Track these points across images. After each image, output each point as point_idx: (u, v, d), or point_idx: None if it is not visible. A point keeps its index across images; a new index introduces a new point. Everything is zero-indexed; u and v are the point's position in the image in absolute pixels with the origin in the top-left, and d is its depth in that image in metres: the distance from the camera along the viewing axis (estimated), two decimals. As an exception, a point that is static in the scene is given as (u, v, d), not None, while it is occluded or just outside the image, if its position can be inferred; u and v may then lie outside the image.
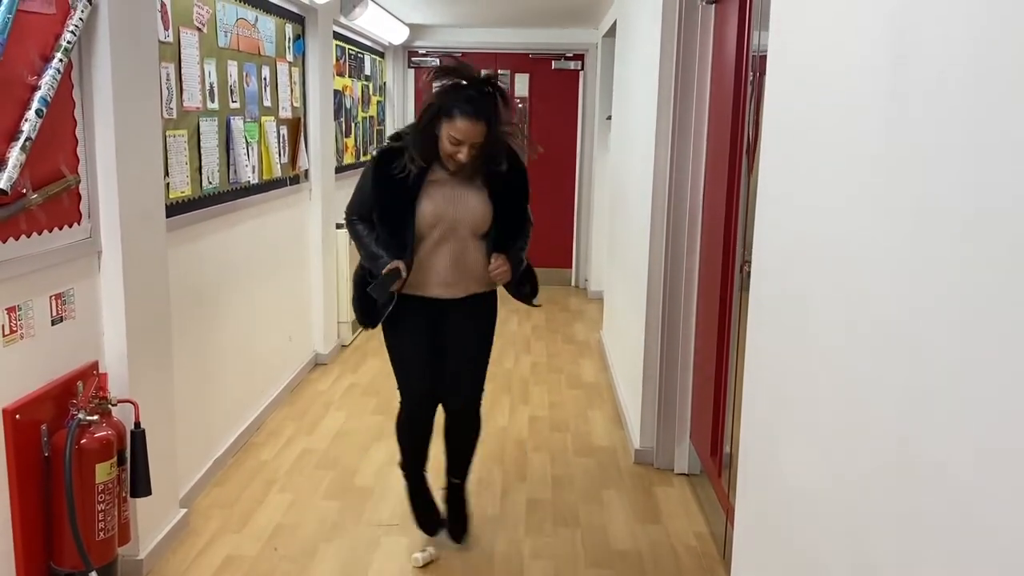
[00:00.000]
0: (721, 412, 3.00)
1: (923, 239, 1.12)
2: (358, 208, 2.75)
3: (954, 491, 1.02)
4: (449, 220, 2.61)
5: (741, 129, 2.80)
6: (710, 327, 3.15)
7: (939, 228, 1.08)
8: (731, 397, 2.85)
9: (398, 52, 7.30)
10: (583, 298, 7.15)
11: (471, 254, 2.67)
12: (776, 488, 1.75)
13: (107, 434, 2.33)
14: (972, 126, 1.00)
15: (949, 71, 1.07)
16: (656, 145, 3.41)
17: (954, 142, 1.05)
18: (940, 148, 1.08)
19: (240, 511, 3.18)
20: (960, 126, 1.03)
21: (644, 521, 3.17)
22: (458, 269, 2.67)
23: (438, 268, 2.66)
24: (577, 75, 7.33)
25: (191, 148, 3.23)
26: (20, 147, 2.08)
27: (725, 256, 2.94)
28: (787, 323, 1.71)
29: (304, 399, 4.45)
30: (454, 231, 2.63)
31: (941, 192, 1.08)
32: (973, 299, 0.99)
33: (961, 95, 1.04)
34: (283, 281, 4.43)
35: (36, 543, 2.26)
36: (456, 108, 2.47)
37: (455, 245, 2.65)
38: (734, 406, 2.77)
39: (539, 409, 4.40)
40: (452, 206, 2.60)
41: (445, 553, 2.91)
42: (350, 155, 5.97)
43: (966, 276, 1.01)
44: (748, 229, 2.58)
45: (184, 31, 3.14)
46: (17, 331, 2.18)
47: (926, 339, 1.10)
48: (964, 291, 1.01)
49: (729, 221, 2.91)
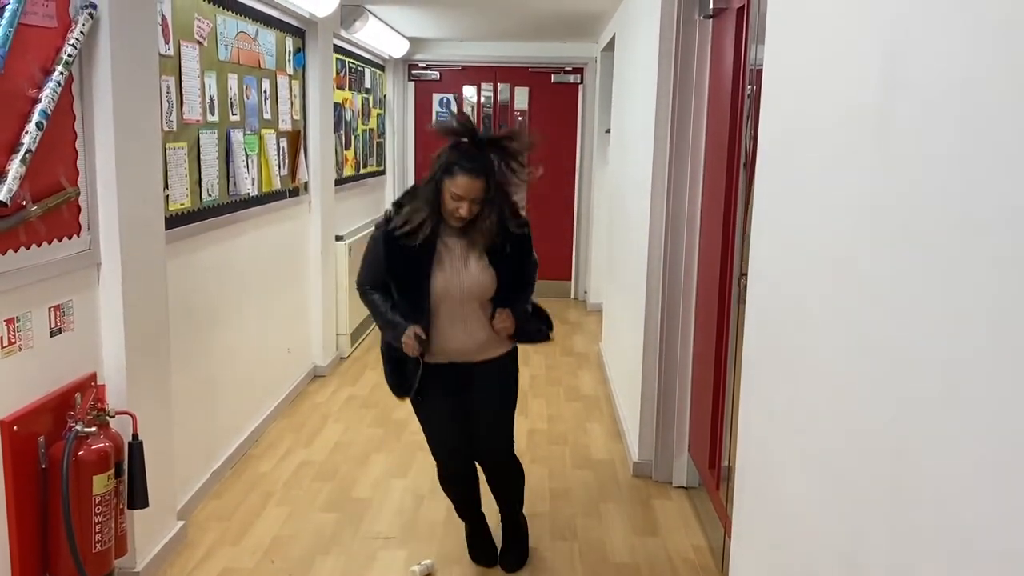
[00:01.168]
0: (719, 425, 3.00)
1: (918, 254, 1.13)
2: (369, 278, 2.77)
3: (950, 506, 1.02)
4: (456, 289, 2.65)
5: (739, 142, 2.81)
6: (708, 340, 3.16)
7: (934, 243, 1.08)
8: (729, 410, 2.85)
9: (398, 65, 7.33)
10: (582, 310, 7.15)
11: (480, 321, 2.71)
12: (773, 502, 1.76)
13: (105, 446, 2.33)
14: (962, 136, 1.01)
15: (940, 84, 1.08)
16: (654, 158, 3.43)
17: (946, 153, 1.06)
18: (932, 160, 1.09)
19: (237, 523, 3.17)
20: (951, 137, 1.04)
21: (642, 534, 3.17)
22: (472, 334, 2.71)
23: (455, 334, 2.69)
24: (576, 88, 7.36)
25: (191, 160, 3.24)
26: (20, 159, 2.09)
27: (723, 269, 2.95)
28: (783, 337, 1.72)
29: (302, 411, 4.44)
30: (461, 301, 2.67)
31: (935, 205, 1.08)
32: (968, 313, 1.00)
33: (952, 106, 1.05)
34: (282, 293, 4.43)
35: (33, 555, 2.25)
36: (456, 165, 2.54)
37: (466, 314, 2.69)
38: (732, 419, 2.77)
39: (538, 422, 4.40)
40: (457, 276, 2.65)
41: (442, 567, 2.91)
42: (350, 168, 5.98)
43: (961, 290, 1.01)
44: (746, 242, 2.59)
45: (185, 44, 3.16)
46: (16, 342, 2.18)
47: (921, 353, 1.11)
48: (959, 305, 1.02)
49: (727, 233, 2.92)
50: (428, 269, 2.63)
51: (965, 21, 1.03)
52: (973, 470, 0.97)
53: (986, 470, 0.95)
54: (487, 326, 2.71)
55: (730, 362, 2.84)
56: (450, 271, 2.64)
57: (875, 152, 1.27)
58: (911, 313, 1.14)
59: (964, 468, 0.99)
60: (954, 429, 1.02)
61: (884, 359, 1.22)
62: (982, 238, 0.97)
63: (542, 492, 3.53)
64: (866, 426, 1.27)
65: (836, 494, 1.39)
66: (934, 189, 1.09)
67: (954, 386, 1.02)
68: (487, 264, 2.67)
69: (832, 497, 1.41)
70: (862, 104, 1.32)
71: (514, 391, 2.88)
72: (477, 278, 2.66)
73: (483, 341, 2.72)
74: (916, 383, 1.12)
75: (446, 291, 2.64)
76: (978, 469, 0.96)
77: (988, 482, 0.94)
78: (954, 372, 1.02)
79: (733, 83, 2.86)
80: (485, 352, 2.75)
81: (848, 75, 1.40)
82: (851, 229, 1.36)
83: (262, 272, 4.10)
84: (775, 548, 1.73)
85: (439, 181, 2.57)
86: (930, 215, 1.09)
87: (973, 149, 0.99)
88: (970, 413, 0.98)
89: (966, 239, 1.00)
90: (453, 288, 2.64)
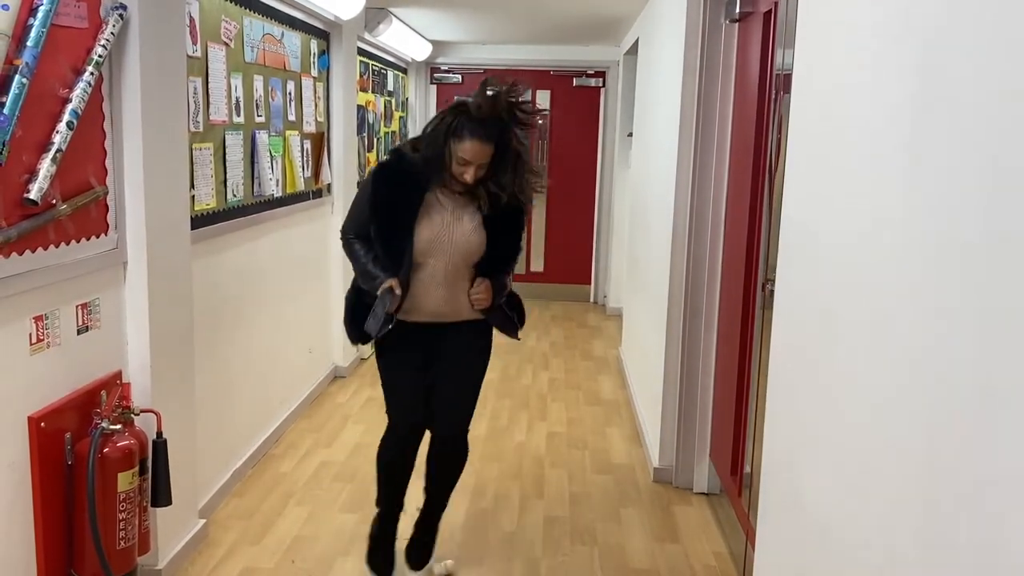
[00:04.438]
0: (742, 431, 2.98)
1: (947, 261, 1.11)
2: (355, 226, 2.71)
3: (981, 517, 1.01)
4: (444, 245, 2.58)
5: (764, 147, 2.80)
6: (731, 345, 3.14)
7: (967, 249, 1.07)
8: (752, 416, 2.83)
9: (421, 68, 7.35)
10: (601, 315, 7.13)
11: (462, 282, 2.65)
12: (798, 510, 1.74)
13: (129, 443, 2.35)
14: (999, 143, 1.00)
15: (976, 89, 1.07)
16: (678, 162, 3.41)
17: (980, 159, 1.04)
18: (964, 170, 1.08)
19: (258, 523, 3.19)
20: (986, 143, 1.03)
21: (662, 540, 3.15)
22: (450, 294, 2.64)
23: (432, 293, 2.63)
24: (598, 92, 7.35)
25: (216, 161, 3.26)
26: (51, 159, 2.11)
27: (747, 274, 2.93)
28: (811, 344, 1.70)
29: (323, 412, 4.46)
30: (448, 257, 2.60)
31: (968, 212, 1.07)
32: (1000, 318, 0.98)
33: (988, 112, 1.03)
34: (304, 294, 4.45)
35: (57, 551, 2.27)
36: (465, 128, 2.47)
37: (449, 271, 2.62)
38: (755, 426, 2.75)
39: (557, 425, 4.39)
40: (448, 231, 2.58)
41: (463, 569, 2.91)
42: (372, 169, 6.00)
43: (994, 296, 1.00)
44: (771, 248, 2.57)
45: (212, 46, 3.18)
46: (44, 339, 2.20)
47: (952, 362, 1.09)
48: (991, 310, 1.00)
49: (751, 239, 2.90)
50: (414, 220, 2.56)
51: (1002, 25, 1.02)
52: (1008, 478, 0.96)
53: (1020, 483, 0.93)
54: (466, 292, 2.65)
55: (754, 368, 2.82)
56: (440, 226, 2.58)
57: (908, 157, 1.26)
58: (942, 318, 1.12)
59: (999, 475, 0.98)
60: (987, 436, 1.00)
61: (915, 365, 1.20)
62: (1016, 244, 0.95)
63: (561, 496, 3.52)
64: (894, 436, 1.26)
65: (865, 504, 1.37)
66: (967, 195, 1.07)
67: (987, 392, 1.01)
68: (479, 225, 2.61)
69: (861, 506, 1.39)
70: (896, 108, 1.31)
71: (484, 362, 2.78)
72: (468, 236, 2.59)
73: (461, 306, 2.66)
74: (948, 389, 1.10)
75: (431, 245, 2.57)
76: (1014, 477, 0.95)
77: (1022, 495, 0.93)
78: (986, 377, 1.01)
79: (759, 88, 2.84)
80: (459, 314, 2.67)
81: (881, 80, 1.39)
82: (881, 235, 1.34)
83: (285, 273, 4.12)
84: (800, 557, 1.71)
85: (445, 142, 2.49)
86: (962, 221, 1.08)
87: (1008, 155, 0.98)
88: (1004, 419, 0.97)
89: (999, 245, 0.99)
90: (441, 244, 2.57)
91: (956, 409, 1.08)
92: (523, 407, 4.64)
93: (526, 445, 4.07)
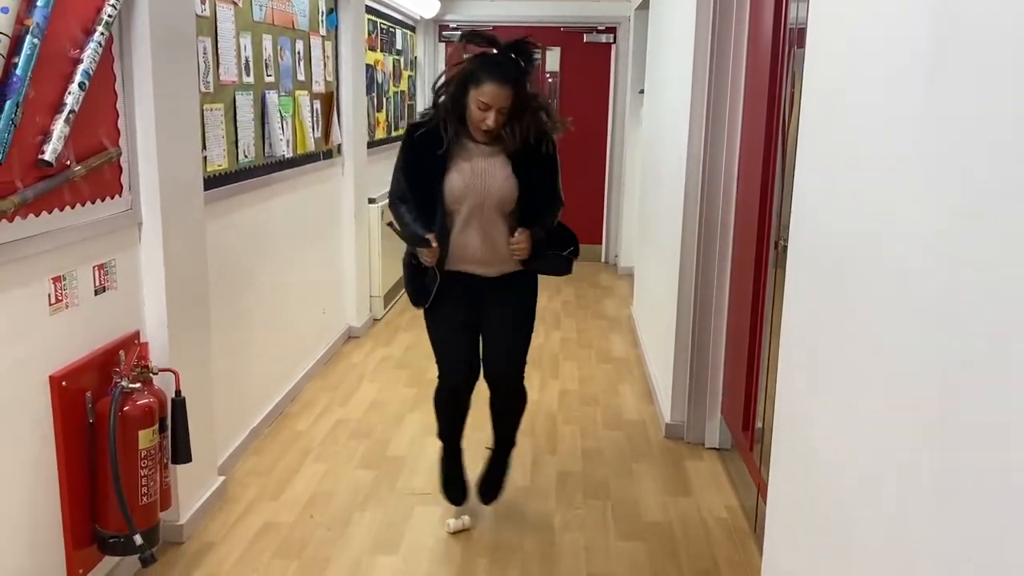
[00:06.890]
0: (754, 387, 2.99)
1: (965, 213, 1.11)
2: (397, 191, 2.77)
3: (996, 467, 1.02)
4: (476, 193, 2.63)
5: (777, 103, 2.77)
6: (743, 302, 3.14)
7: (981, 202, 1.07)
8: (764, 372, 2.84)
9: (429, 26, 7.28)
10: (613, 274, 7.14)
11: (499, 233, 2.69)
12: (811, 463, 1.76)
13: (149, 402, 2.38)
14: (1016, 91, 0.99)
15: (993, 37, 1.06)
16: (690, 119, 3.39)
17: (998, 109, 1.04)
18: (984, 121, 1.07)
19: (276, 479, 3.24)
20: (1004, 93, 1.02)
21: (675, 494, 3.19)
22: (488, 247, 2.69)
23: (471, 245, 2.69)
24: (609, 48, 7.27)
25: (227, 122, 3.26)
26: (64, 119, 2.12)
27: (760, 232, 2.92)
28: (825, 298, 1.70)
29: (338, 371, 4.50)
30: (481, 207, 2.65)
31: (983, 166, 1.07)
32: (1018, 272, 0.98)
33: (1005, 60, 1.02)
34: (317, 254, 4.47)
35: (82, 507, 2.32)
36: (483, 73, 2.51)
37: (484, 222, 2.67)
38: (767, 381, 2.77)
39: (569, 383, 4.42)
40: (479, 179, 2.63)
41: (477, 522, 2.96)
42: (382, 130, 5.98)
43: (1011, 249, 1.00)
44: (784, 205, 2.57)
45: (220, 5, 3.16)
46: (62, 300, 2.23)
47: (970, 313, 1.10)
48: (1009, 263, 1.01)
49: (764, 196, 2.89)
50: (444, 172, 2.62)
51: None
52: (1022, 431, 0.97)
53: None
54: (505, 242, 2.68)
55: (766, 324, 2.83)
56: (470, 175, 2.63)
57: (924, 109, 1.25)
58: (959, 271, 1.12)
59: (1012, 420, 0.99)
60: (1002, 391, 1.01)
61: (930, 319, 1.21)
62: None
63: (574, 451, 3.56)
64: (909, 388, 1.27)
65: (878, 457, 1.38)
66: (984, 146, 1.07)
67: (1003, 347, 1.01)
68: (511, 173, 2.65)
69: (872, 461, 1.40)
70: (912, 58, 1.30)
71: (531, 311, 2.85)
72: (500, 184, 2.64)
73: (501, 256, 2.70)
74: (964, 343, 1.11)
75: (464, 194, 2.62)
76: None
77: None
78: (1002, 332, 1.01)
79: (773, 42, 2.81)
80: (501, 268, 2.72)
81: (896, 34, 1.37)
82: (896, 186, 1.34)
83: (297, 233, 4.13)
84: (812, 509, 1.73)
85: (463, 90, 2.54)
86: (979, 172, 1.08)
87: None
88: (1019, 374, 0.98)
89: (1017, 196, 0.99)
90: (475, 190, 2.62)
91: (971, 359, 1.09)
92: (536, 366, 4.67)
93: (539, 403, 4.11)
